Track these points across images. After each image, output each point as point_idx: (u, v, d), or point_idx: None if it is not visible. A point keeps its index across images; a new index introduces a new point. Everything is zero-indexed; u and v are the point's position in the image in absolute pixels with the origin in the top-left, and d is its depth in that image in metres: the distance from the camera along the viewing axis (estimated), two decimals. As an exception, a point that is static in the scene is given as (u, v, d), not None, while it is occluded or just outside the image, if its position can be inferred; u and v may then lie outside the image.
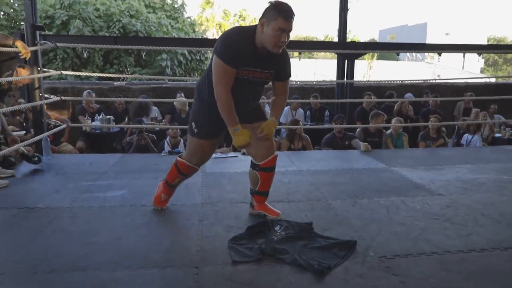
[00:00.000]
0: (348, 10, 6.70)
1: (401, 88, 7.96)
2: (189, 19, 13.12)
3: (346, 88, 6.45)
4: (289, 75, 2.32)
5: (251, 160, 2.42)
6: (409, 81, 8.01)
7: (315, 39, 50.87)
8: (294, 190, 3.02)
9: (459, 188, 3.05)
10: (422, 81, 8.22)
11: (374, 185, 3.12)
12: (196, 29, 13.50)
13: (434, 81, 9.68)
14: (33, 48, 3.86)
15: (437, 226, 2.31)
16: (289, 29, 2.05)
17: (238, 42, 2.09)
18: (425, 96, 7.34)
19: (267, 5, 2.08)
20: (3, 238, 2.14)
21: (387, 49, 7.11)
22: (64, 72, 4.50)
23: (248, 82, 2.18)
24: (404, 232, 2.22)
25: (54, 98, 4.00)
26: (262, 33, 2.07)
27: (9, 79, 3.04)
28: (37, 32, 4.03)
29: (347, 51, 5.62)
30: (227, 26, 37.39)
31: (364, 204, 2.69)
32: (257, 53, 2.12)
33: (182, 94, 6.96)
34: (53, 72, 4.07)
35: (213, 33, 33.28)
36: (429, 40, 36.57)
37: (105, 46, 4.78)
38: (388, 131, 5.25)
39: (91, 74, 4.36)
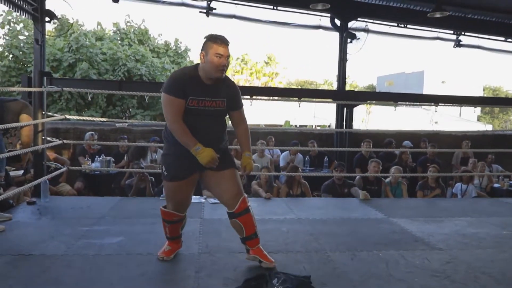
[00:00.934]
0: (347, 60, 6.98)
1: (399, 135, 8.07)
2: (191, 64, 13.57)
3: (345, 135, 6.54)
4: (241, 105, 2.43)
5: (226, 211, 2.44)
6: (407, 131, 8.14)
7: (315, 83, 52.27)
8: (293, 240, 2.99)
9: (459, 242, 3.03)
10: (420, 130, 8.35)
11: (373, 237, 3.10)
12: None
13: (432, 130, 9.84)
14: (38, 90, 3.97)
15: (436, 284, 2.27)
16: (226, 54, 2.22)
17: (180, 76, 2.25)
18: (423, 144, 7.43)
19: (204, 39, 2.26)
20: (-5, 288, 2.10)
21: (385, 99, 7.30)
22: (69, 117, 4.60)
23: (203, 113, 2.27)
24: (404, 290, 2.18)
25: (57, 141, 4.06)
26: (204, 63, 2.23)
27: (14, 124, 3.10)
28: (44, 78, 4.16)
29: (346, 102, 5.77)
30: (230, 70, 38.63)
31: (363, 257, 2.66)
32: (202, 83, 2.26)
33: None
34: (57, 117, 4.16)
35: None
36: (426, 87, 37.55)
37: (110, 92, 4.91)
38: (387, 179, 5.27)
39: (96, 119, 4.46)
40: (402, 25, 7.57)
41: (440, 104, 5.86)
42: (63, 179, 5.59)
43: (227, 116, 2.43)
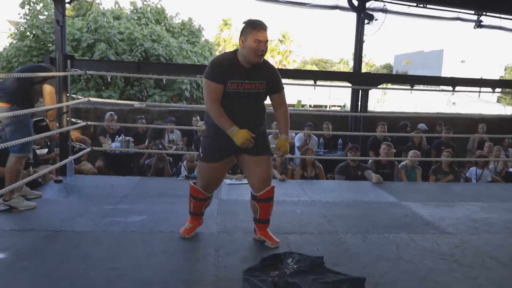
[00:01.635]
0: (364, 42, 6.89)
1: (414, 118, 8.01)
2: (206, 43, 13.52)
3: (360, 118, 6.55)
4: (282, 88, 2.50)
5: (251, 191, 2.56)
6: (423, 113, 8.07)
7: (330, 62, 51.38)
8: (306, 222, 3.10)
9: (469, 227, 3.10)
10: (436, 113, 8.27)
11: (385, 220, 3.19)
12: (213, 52, 13.86)
13: (448, 113, 9.71)
14: (63, 74, 4.10)
15: (445, 267, 2.36)
16: (264, 39, 2.28)
17: (220, 61, 2.35)
18: (438, 127, 7.38)
19: (243, 25, 2.33)
20: (34, 262, 2.28)
21: (402, 81, 7.23)
22: (92, 99, 4.74)
23: (243, 95, 2.36)
24: (413, 272, 2.28)
25: (81, 123, 4.21)
26: (243, 49, 2.32)
27: (40, 108, 3.23)
28: (68, 61, 4.28)
29: (362, 87, 5.75)
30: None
31: (374, 239, 2.77)
32: (241, 67, 2.35)
33: (198, 117, 7.14)
34: (81, 99, 4.30)
35: (230, 54, 34.05)
36: (445, 67, 36.56)
37: (129, 75, 5.02)
38: (403, 163, 5.30)
39: (118, 101, 4.58)
40: (422, 5, 7.38)
41: (458, 87, 5.76)
42: (85, 157, 5.79)
43: (266, 100, 2.49)
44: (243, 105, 2.37)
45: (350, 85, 6.53)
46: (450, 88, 6.08)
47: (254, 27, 2.28)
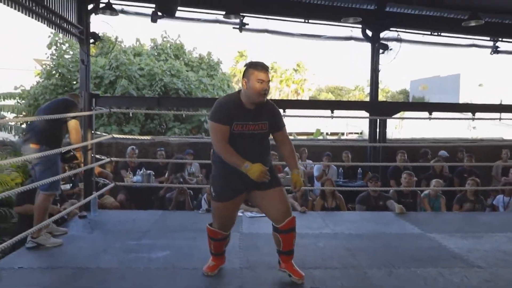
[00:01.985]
0: (379, 71, 6.96)
1: (434, 145, 7.90)
2: (224, 75, 13.88)
3: (379, 147, 6.51)
4: (283, 125, 2.57)
5: (272, 224, 2.56)
6: (443, 139, 7.97)
7: (346, 89, 51.58)
8: (329, 255, 3.07)
9: (499, 260, 2.99)
10: (456, 139, 8.15)
11: (410, 253, 3.12)
12: (231, 84, 14.18)
13: (469, 139, 9.55)
14: (89, 113, 4.27)
15: (476, 303, 2.29)
16: (266, 79, 2.37)
17: (224, 103, 2.43)
18: (460, 154, 7.25)
19: (244, 67, 2.44)
20: (61, 299, 2.32)
21: (419, 109, 7.20)
22: (115, 136, 4.89)
23: (248, 136, 2.42)
24: (443, 309, 2.21)
25: (105, 159, 4.34)
26: (247, 89, 2.40)
27: (69, 148, 3.35)
28: (93, 99, 4.47)
29: (379, 117, 5.76)
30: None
31: (401, 274, 2.70)
32: (245, 108, 2.42)
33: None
34: (106, 137, 4.45)
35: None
36: (463, 91, 36.21)
37: (150, 112, 5.19)
38: (426, 192, 5.21)
39: (139, 137, 4.72)
40: (436, 33, 7.46)
41: (477, 114, 5.71)
42: (107, 192, 5.91)
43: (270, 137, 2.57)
44: (248, 145, 2.43)
45: (367, 115, 6.54)
46: (470, 114, 6.02)
47: (256, 68, 2.39)
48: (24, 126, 7.68)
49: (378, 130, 6.64)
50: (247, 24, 6.95)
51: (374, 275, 2.68)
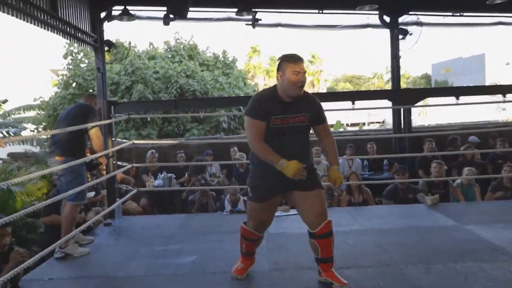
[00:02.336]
0: (400, 58, 6.79)
1: (463, 131, 7.66)
2: (240, 73, 13.88)
3: (404, 138, 6.36)
4: (325, 119, 2.52)
5: (308, 229, 2.49)
6: (472, 124, 7.74)
7: (363, 78, 50.79)
8: (361, 253, 2.99)
9: (545, 250, 2.86)
10: (487, 123, 7.89)
11: (447, 247, 3.01)
12: (246, 81, 14.18)
13: (500, 122, 9.24)
14: (108, 121, 4.31)
15: (524, 299, 2.18)
16: (302, 70, 2.34)
17: (261, 98, 2.43)
18: (491, 140, 6.99)
19: (278, 61, 2.43)
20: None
21: (444, 94, 6.99)
22: (135, 142, 4.94)
23: (287, 130, 2.38)
24: (488, 306, 2.12)
25: (127, 165, 4.38)
26: (282, 83, 2.35)
27: (92, 157, 3.39)
28: (112, 107, 4.51)
29: (402, 106, 5.62)
30: (274, 72, 39.02)
31: (439, 270, 2.61)
32: (283, 102, 2.38)
33: (236, 148, 7.21)
34: (126, 143, 4.49)
35: (260, 80, 34.68)
36: (488, 71, 35.06)
37: (168, 115, 5.22)
38: (458, 181, 5.05)
39: (159, 141, 4.73)
40: (458, 14, 7.21)
41: (508, 95, 5.50)
42: (130, 197, 5.98)
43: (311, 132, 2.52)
44: (288, 140, 2.38)
45: (390, 104, 6.40)
46: (499, 96, 5.81)
47: (290, 60, 2.35)
48: (43, 136, 7.84)
49: (402, 119, 6.49)
50: (260, 20, 6.89)
51: (411, 273, 2.60)
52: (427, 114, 27.32)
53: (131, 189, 4.66)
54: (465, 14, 7.19)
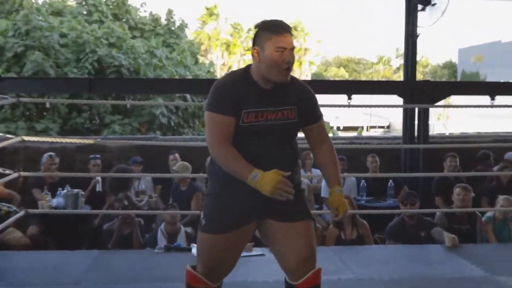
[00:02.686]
0: (417, 36, 7.00)
1: (497, 144, 7.99)
2: (190, 45, 13.82)
3: (418, 151, 6.54)
4: (321, 115, 2.50)
5: (285, 278, 2.47)
6: (509, 136, 8.08)
7: (364, 62, 52.12)
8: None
9: None
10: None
11: (473, 307, 3.12)
12: (198, 59, 14.15)
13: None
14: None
15: None
16: (289, 45, 2.31)
17: (228, 83, 2.38)
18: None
19: (255, 30, 2.39)
20: None
21: (476, 92, 7.26)
22: (26, 138, 4.78)
23: (266, 130, 2.33)
24: None
25: (11, 174, 4.23)
26: (260, 63, 2.33)
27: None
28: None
29: (419, 105, 5.78)
30: (238, 46, 38.53)
31: None
32: (260, 89, 2.35)
33: (177, 155, 7.13)
34: (13, 140, 4.33)
35: (217, 56, 34.46)
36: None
37: (78, 101, 5.10)
38: (489, 214, 5.23)
39: (60, 139, 4.61)
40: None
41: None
42: (12, 222, 5.76)
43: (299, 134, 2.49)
44: (267, 145, 2.32)
45: (401, 102, 6.57)
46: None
47: (273, 31, 2.31)
48: None
49: (417, 123, 6.68)
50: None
51: None
52: (449, 119, 28.37)
53: (14, 210, 4.49)
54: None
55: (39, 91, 6.67)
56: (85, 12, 13.07)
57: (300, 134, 2.52)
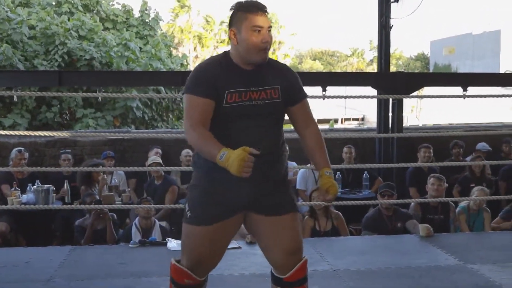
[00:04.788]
0: (391, 28, 7.05)
1: (469, 133, 8.10)
2: (163, 38, 13.69)
3: (393, 140, 6.61)
4: (305, 94, 2.50)
5: (271, 271, 2.47)
6: (481, 126, 8.23)
7: (338, 54, 52.42)
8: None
9: None
10: (501, 125, 8.45)
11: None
12: (174, 53, 14.05)
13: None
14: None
15: None
16: (266, 24, 2.32)
17: (207, 66, 2.40)
18: (505, 146, 7.47)
19: (230, 11, 2.39)
20: None
21: (449, 83, 7.37)
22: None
23: (250, 111, 2.31)
24: None
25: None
26: (237, 44, 2.33)
27: None
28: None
29: (393, 96, 5.83)
30: (210, 39, 38.36)
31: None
32: (240, 70, 2.36)
33: (159, 150, 7.10)
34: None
35: (189, 49, 34.19)
36: (505, 54, 37.50)
37: (46, 94, 5.00)
38: (463, 204, 5.31)
39: (31, 134, 4.51)
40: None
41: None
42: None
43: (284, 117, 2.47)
44: (250, 128, 2.29)
45: (374, 92, 6.62)
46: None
47: (248, 10, 2.31)
48: None
49: (391, 115, 6.74)
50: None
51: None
52: (422, 111, 28.70)
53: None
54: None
55: (6, 84, 6.51)
56: (54, 3, 12.84)
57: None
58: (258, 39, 2.28)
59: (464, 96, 5.45)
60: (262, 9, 2.31)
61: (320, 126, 2.65)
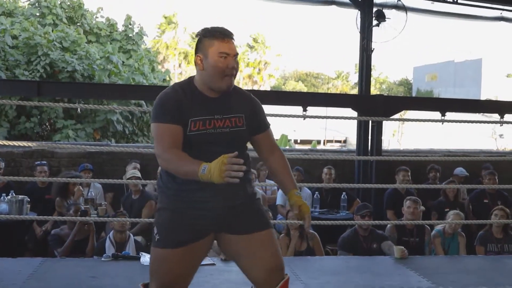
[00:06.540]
0: (372, 51, 7.15)
1: (448, 159, 8.20)
2: (147, 53, 13.72)
3: (372, 163, 6.66)
4: (268, 124, 2.54)
5: None
6: (460, 152, 8.33)
7: (323, 77, 52.86)
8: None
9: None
10: (479, 151, 8.57)
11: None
12: (156, 67, 14.05)
13: (495, 152, 10.10)
14: None
15: None
16: (233, 52, 2.34)
17: (170, 94, 2.38)
18: (484, 172, 7.57)
19: (196, 38, 2.41)
20: None
21: (428, 108, 7.46)
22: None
23: (215, 139, 2.33)
24: None
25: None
26: (203, 70, 2.35)
27: None
28: None
29: (373, 118, 5.89)
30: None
31: None
32: (205, 97, 2.37)
33: (138, 164, 7.06)
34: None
35: (174, 65, 34.19)
36: (486, 83, 38.22)
37: (26, 103, 4.95)
38: (439, 227, 5.36)
39: (8, 144, 4.47)
40: (452, 0, 7.80)
41: (507, 115, 6.01)
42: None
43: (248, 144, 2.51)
44: (216, 154, 2.21)
45: (355, 114, 6.68)
46: (496, 116, 6.33)
47: (215, 37, 2.33)
48: None
49: (370, 137, 6.80)
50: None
51: None
52: (404, 135, 29.06)
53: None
54: (460, 1, 7.78)
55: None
56: (38, 14, 12.82)
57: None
58: (224, 65, 2.30)
59: (443, 121, 5.52)
60: (229, 36, 2.35)
61: (301, 147, 2.68)
